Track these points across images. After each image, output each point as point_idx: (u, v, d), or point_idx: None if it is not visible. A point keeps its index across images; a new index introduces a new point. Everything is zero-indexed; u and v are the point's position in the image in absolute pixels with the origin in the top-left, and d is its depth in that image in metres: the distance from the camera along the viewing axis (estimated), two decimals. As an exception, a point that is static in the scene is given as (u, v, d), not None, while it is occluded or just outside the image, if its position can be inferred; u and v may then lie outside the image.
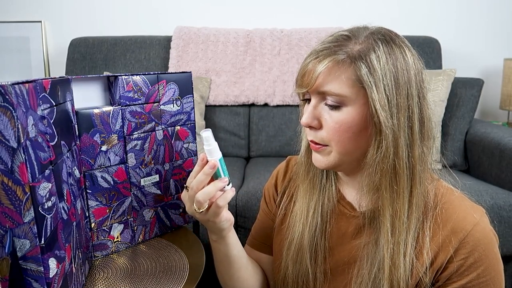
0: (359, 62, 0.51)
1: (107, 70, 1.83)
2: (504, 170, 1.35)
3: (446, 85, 1.59)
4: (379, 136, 0.52)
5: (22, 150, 0.42)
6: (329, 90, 0.53)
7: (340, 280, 0.61)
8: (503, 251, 1.21)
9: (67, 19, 2.02)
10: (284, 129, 1.75)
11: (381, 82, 0.50)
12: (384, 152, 0.52)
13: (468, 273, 0.52)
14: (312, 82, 0.53)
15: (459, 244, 0.52)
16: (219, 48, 1.79)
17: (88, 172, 0.68)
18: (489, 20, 2.02)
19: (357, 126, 0.53)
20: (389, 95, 0.51)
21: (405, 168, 0.53)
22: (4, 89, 0.40)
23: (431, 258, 0.53)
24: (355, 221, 0.61)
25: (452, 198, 0.56)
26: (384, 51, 0.52)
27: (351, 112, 0.53)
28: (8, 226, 0.43)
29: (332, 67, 0.52)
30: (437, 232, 0.54)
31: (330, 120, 0.54)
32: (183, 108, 0.80)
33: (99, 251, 0.72)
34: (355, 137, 0.53)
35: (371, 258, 0.55)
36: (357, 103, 0.52)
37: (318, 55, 0.54)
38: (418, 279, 0.53)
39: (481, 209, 0.56)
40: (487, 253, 0.52)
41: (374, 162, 0.53)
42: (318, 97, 0.55)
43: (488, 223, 0.54)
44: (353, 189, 0.63)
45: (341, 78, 0.52)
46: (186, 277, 0.66)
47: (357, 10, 2.00)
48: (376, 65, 0.51)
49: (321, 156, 0.57)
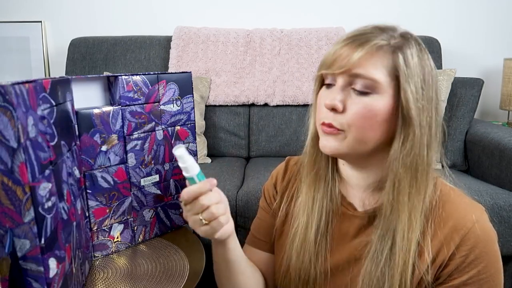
0: (399, 52, 0.53)
1: (107, 70, 1.83)
2: (504, 170, 1.35)
3: (446, 85, 1.59)
4: (408, 129, 0.53)
5: (22, 150, 0.42)
6: (364, 74, 0.53)
7: (340, 279, 0.61)
8: (503, 251, 1.21)
9: (67, 19, 2.02)
10: (284, 129, 1.75)
11: (414, 77, 0.52)
12: (410, 147, 0.53)
13: (468, 269, 0.52)
14: (349, 64, 0.53)
15: (460, 241, 0.53)
16: (219, 48, 1.78)
17: (88, 172, 0.68)
18: (489, 20, 2.02)
19: (381, 116, 0.53)
20: (419, 91, 0.53)
21: (424, 165, 0.54)
22: (4, 89, 0.40)
23: (433, 256, 0.54)
24: (357, 221, 0.61)
25: (451, 195, 0.57)
26: (417, 50, 0.54)
27: (379, 100, 0.53)
28: (8, 226, 0.43)
29: (371, 51, 0.53)
30: (437, 230, 0.54)
31: (357, 105, 0.54)
32: (183, 108, 0.80)
33: (99, 251, 0.72)
34: (377, 126, 0.54)
35: (381, 256, 0.55)
36: (386, 92, 0.53)
37: (356, 39, 0.54)
38: (420, 277, 0.54)
39: (480, 206, 0.56)
40: (487, 250, 0.53)
41: (399, 155, 0.53)
42: (347, 80, 0.55)
43: (488, 220, 0.55)
44: (356, 188, 0.63)
45: (378, 63, 0.53)
46: (186, 277, 0.66)
47: (357, 10, 2.00)
48: (411, 60, 0.53)
49: (333, 140, 0.56)
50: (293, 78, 1.76)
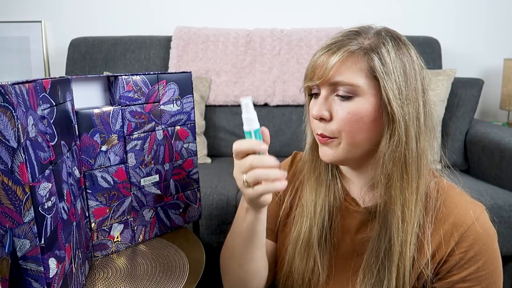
0: (372, 54, 0.54)
1: (107, 70, 1.83)
2: (504, 170, 1.35)
3: (446, 85, 1.59)
4: (392, 125, 0.54)
5: (22, 150, 0.42)
6: (343, 80, 0.54)
7: (343, 272, 0.62)
8: (503, 251, 1.21)
9: (67, 19, 2.02)
10: (284, 129, 1.75)
11: (392, 73, 0.53)
12: (397, 141, 0.54)
13: (467, 266, 0.53)
14: (326, 73, 0.54)
15: (460, 237, 0.54)
16: (219, 48, 1.79)
17: (88, 172, 0.68)
18: (489, 20, 2.02)
19: (368, 117, 0.54)
20: (399, 86, 0.53)
21: (414, 157, 0.55)
22: (4, 89, 0.40)
23: (432, 251, 0.54)
24: (359, 216, 0.62)
25: (452, 193, 0.58)
26: (393, 46, 0.55)
27: (363, 102, 0.54)
28: (8, 226, 0.43)
29: (345, 58, 0.54)
30: (438, 226, 0.55)
31: (342, 111, 0.55)
32: (183, 108, 0.80)
33: (99, 251, 0.72)
34: (365, 127, 0.55)
35: (380, 249, 0.56)
36: (368, 93, 0.54)
37: (330, 48, 0.55)
38: (420, 271, 0.55)
39: (480, 205, 0.57)
40: (486, 247, 0.53)
41: (387, 151, 0.54)
42: (329, 89, 0.56)
43: (488, 219, 0.56)
44: (357, 185, 0.64)
45: (354, 68, 0.54)
46: (186, 277, 0.66)
47: (357, 10, 2.00)
48: (386, 57, 0.54)
49: (329, 149, 0.58)
50: (293, 78, 1.76)
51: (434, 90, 1.58)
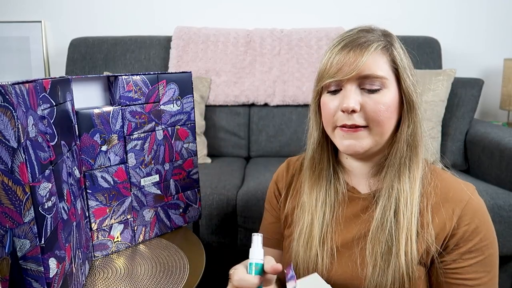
0: (391, 48, 0.61)
1: (107, 70, 1.83)
2: (504, 170, 1.35)
3: (446, 85, 1.59)
4: (411, 114, 0.61)
5: (22, 150, 0.42)
6: (373, 73, 0.59)
7: (348, 255, 0.63)
8: (503, 251, 1.21)
9: (67, 19, 2.02)
10: (284, 129, 1.75)
11: (406, 66, 0.61)
12: (413, 127, 0.61)
13: (472, 237, 0.58)
14: (357, 68, 0.58)
15: (461, 212, 0.58)
16: (219, 48, 1.78)
17: (88, 172, 0.68)
18: (489, 20, 2.02)
19: (392, 107, 0.60)
20: (412, 79, 0.61)
21: (420, 140, 0.62)
22: (4, 89, 0.40)
23: (438, 228, 0.58)
24: (361, 202, 0.65)
25: (445, 175, 0.64)
26: (399, 44, 0.62)
27: (388, 94, 0.60)
28: (8, 226, 0.43)
29: (375, 53, 0.59)
30: (438, 205, 0.60)
31: (373, 102, 0.59)
32: (183, 108, 0.80)
33: (99, 251, 0.72)
34: (391, 117, 0.60)
35: (386, 221, 0.60)
36: (391, 85, 0.60)
37: (354, 44, 0.59)
38: (426, 247, 0.58)
39: (471, 184, 0.62)
40: (484, 220, 0.59)
41: (405, 136, 0.61)
42: (355, 83, 0.60)
43: (478, 195, 0.61)
44: (359, 176, 0.67)
45: (381, 62, 0.59)
46: (186, 277, 0.66)
47: (357, 10, 2.00)
48: (400, 52, 0.61)
49: (357, 141, 0.60)
50: (293, 78, 1.76)
51: (434, 90, 1.58)
